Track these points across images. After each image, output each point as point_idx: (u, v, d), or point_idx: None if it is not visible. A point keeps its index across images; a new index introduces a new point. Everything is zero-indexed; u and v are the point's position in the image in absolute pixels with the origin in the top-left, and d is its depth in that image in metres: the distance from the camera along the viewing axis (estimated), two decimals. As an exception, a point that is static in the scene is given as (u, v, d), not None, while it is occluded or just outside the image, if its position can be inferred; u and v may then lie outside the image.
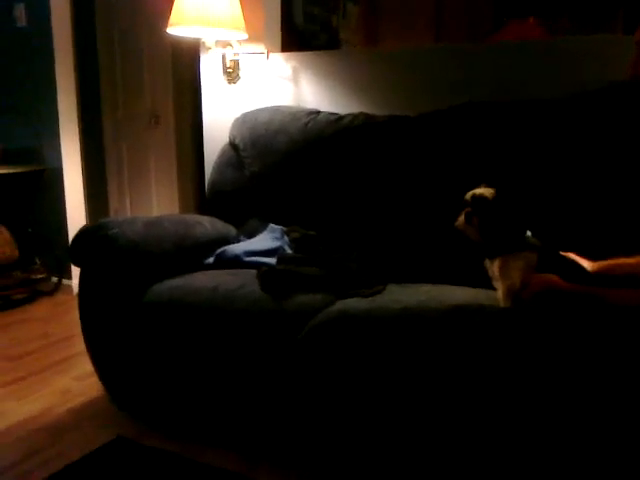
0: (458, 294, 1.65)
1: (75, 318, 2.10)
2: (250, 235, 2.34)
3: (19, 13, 3.56)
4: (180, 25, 2.37)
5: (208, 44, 2.58)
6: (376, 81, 2.50)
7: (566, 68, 2.16)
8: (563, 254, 1.52)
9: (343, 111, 2.40)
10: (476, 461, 1.50)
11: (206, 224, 2.26)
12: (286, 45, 2.70)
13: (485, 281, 1.59)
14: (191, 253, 2.11)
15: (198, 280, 1.92)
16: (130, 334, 1.91)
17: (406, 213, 2.15)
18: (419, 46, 2.62)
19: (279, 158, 2.39)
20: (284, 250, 2.16)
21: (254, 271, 1.90)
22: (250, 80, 2.73)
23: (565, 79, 2.13)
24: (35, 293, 3.54)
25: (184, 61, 3.47)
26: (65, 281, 3.68)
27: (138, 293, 1.91)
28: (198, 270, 2.04)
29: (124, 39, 3.61)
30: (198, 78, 2.92)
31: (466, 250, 1.63)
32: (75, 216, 3.55)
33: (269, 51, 2.66)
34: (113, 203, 3.83)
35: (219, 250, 2.12)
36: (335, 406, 1.62)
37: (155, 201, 3.72)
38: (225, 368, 1.78)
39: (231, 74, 2.74)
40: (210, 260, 2.11)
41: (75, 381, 2.37)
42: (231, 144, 2.57)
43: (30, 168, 3.62)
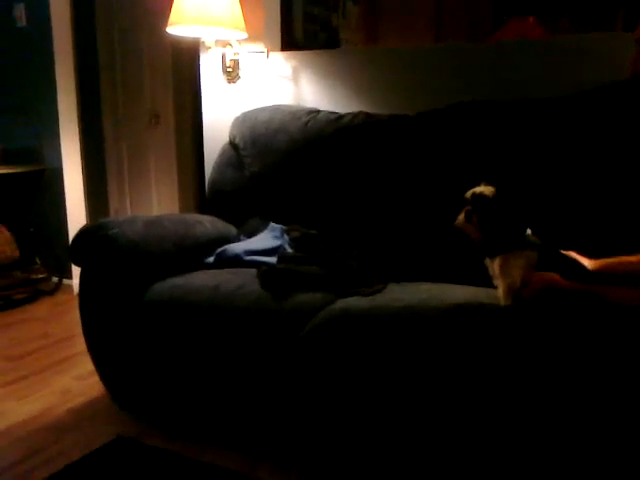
0: (459, 292, 1.65)
1: (75, 318, 2.10)
2: (250, 234, 2.34)
3: (19, 13, 3.56)
4: (180, 24, 2.37)
5: (208, 43, 2.58)
6: (376, 80, 2.50)
7: (566, 67, 2.16)
8: (563, 252, 1.52)
9: (343, 110, 2.40)
10: (476, 460, 1.50)
11: (206, 223, 2.26)
12: (286, 44, 2.70)
13: (485, 279, 1.60)
14: (191, 252, 2.11)
15: (199, 279, 1.92)
16: (131, 333, 1.91)
17: (406, 212, 2.15)
18: (419, 45, 2.62)
19: (279, 157, 2.39)
20: (284, 249, 2.16)
21: (254, 270, 1.91)
22: (250, 79, 2.73)
23: (565, 78, 2.13)
24: (36, 293, 3.54)
25: (184, 61, 3.48)
26: (65, 281, 3.68)
27: (139, 292, 1.91)
28: (199, 269, 2.04)
29: (124, 39, 3.62)
30: (198, 78, 2.92)
31: (466, 248, 1.63)
32: (75, 216, 3.55)
33: (269, 50, 2.66)
34: (113, 203, 3.83)
35: (219, 249, 2.12)
36: (336, 405, 1.62)
37: (155, 201, 3.72)
38: (226, 367, 1.78)
39: (231, 73, 2.75)
40: (210, 259, 2.11)
41: (75, 381, 2.37)
42: (231, 143, 2.57)
43: (30, 168, 3.62)
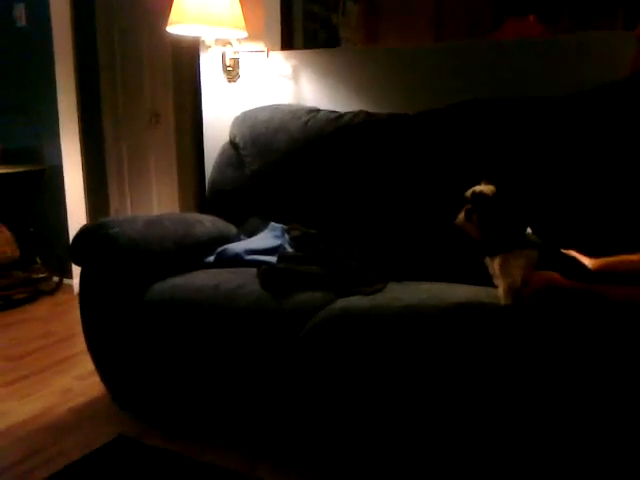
0: (459, 292, 1.65)
1: (76, 317, 2.10)
2: (251, 234, 2.34)
3: (19, 13, 3.56)
4: (180, 24, 2.37)
5: (208, 43, 2.57)
6: (376, 79, 2.50)
7: (566, 66, 2.15)
8: (564, 251, 1.51)
9: (343, 109, 2.40)
10: (477, 459, 1.50)
11: (207, 223, 2.26)
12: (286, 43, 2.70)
13: (486, 279, 1.59)
14: (192, 252, 2.11)
15: (199, 279, 1.92)
16: (131, 333, 1.91)
17: (406, 211, 2.15)
18: (419, 45, 2.61)
19: (279, 156, 2.39)
20: (285, 248, 2.16)
21: (255, 270, 1.90)
22: (250, 78, 2.73)
23: (565, 77, 2.13)
24: (36, 293, 3.54)
25: (184, 60, 3.48)
26: (66, 280, 3.68)
27: (139, 292, 1.91)
28: (199, 269, 2.04)
29: (124, 39, 3.62)
30: (198, 77, 2.92)
31: (466, 248, 1.63)
32: (75, 215, 3.55)
33: (269, 49, 2.66)
34: (113, 202, 3.83)
35: (220, 249, 2.12)
36: (336, 404, 1.62)
37: (155, 200, 3.72)
38: (226, 366, 1.78)
39: (231, 72, 2.74)
40: (211, 259, 2.11)
41: (76, 380, 2.37)
42: (231, 143, 2.57)
43: (30, 168, 3.62)
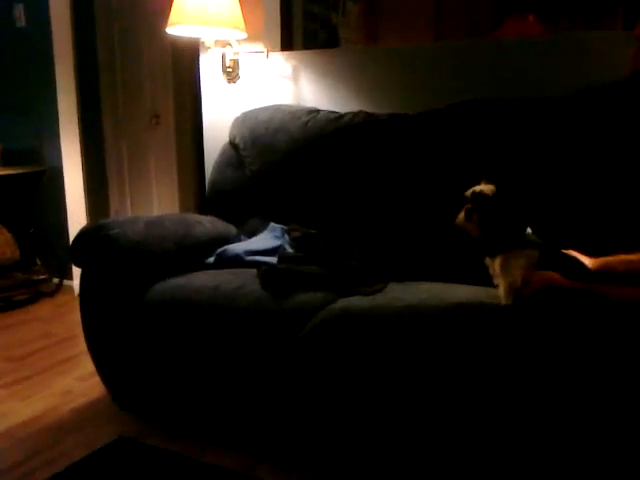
0: (459, 292, 1.65)
1: (76, 319, 2.10)
2: (251, 234, 2.34)
3: (18, 13, 3.56)
4: (180, 24, 2.37)
5: (208, 43, 2.58)
6: (376, 80, 2.50)
7: (566, 65, 2.15)
8: (564, 251, 1.51)
9: (343, 110, 2.40)
10: (477, 459, 1.50)
11: (207, 223, 2.26)
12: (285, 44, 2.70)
13: (486, 279, 1.59)
14: (192, 252, 2.11)
15: (199, 279, 1.92)
16: (131, 333, 1.91)
17: (406, 211, 2.15)
18: (419, 45, 2.61)
19: (279, 157, 2.39)
20: (285, 249, 2.16)
21: (255, 270, 1.91)
22: (250, 79, 2.73)
23: (565, 76, 2.13)
24: (36, 294, 3.54)
25: (184, 61, 3.48)
26: (66, 282, 3.68)
27: (139, 293, 1.91)
28: (199, 269, 2.04)
29: (124, 39, 3.62)
30: (198, 78, 2.92)
31: (467, 247, 1.63)
32: (76, 216, 3.56)
33: (269, 50, 2.66)
34: (113, 203, 3.83)
35: (220, 249, 2.12)
36: (336, 404, 1.62)
37: (155, 201, 3.72)
38: (226, 367, 1.78)
39: (231, 73, 2.74)
40: (211, 259, 2.11)
41: (77, 381, 2.37)
42: (231, 143, 2.57)
43: (30, 169, 3.62)
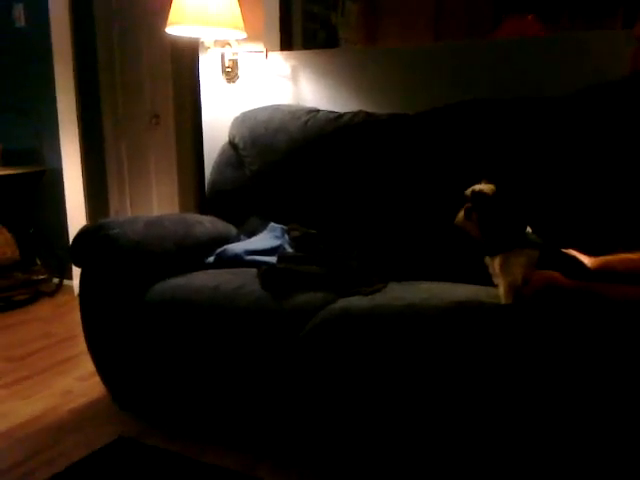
0: (459, 291, 1.65)
1: (76, 319, 2.10)
2: (250, 234, 2.34)
3: (18, 13, 3.56)
4: (179, 24, 2.37)
5: (207, 43, 2.58)
6: (376, 80, 2.50)
7: (566, 65, 2.15)
8: (564, 251, 1.51)
9: (343, 109, 2.40)
10: (477, 459, 1.50)
11: (206, 223, 2.26)
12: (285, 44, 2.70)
13: (486, 278, 1.60)
14: (192, 252, 2.11)
15: (199, 279, 1.92)
16: (131, 333, 1.91)
17: (406, 210, 2.15)
18: (419, 45, 2.61)
19: (279, 157, 2.39)
20: (284, 249, 2.16)
21: (254, 270, 1.91)
22: (249, 79, 2.73)
23: (565, 76, 2.13)
24: (36, 294, 3.54)
25: (183, 61, 3.48)
26: (66, 282, 3.68)
27: (139, 292, 1.91)
28: (199, 269, 2.04)
29: (123, 39, 3.62)
30: (197, 78, 2.92)
31: (466, 247, 1.63)
32: (75, 216, 3.55)
33: (268, 50, 2.66)
34: (113, 203, 3.83)
35: (220, 249, 2.12)
36: (336, 404, 1.62)
37: (155, 201, 3.72)
38: (226, 367, 1.78)
39: (230, 73, 2.75)
40: (211, 259, 2.11)
41: (77, 381, 2.37)
42: (231, 143, 2.57)
43: (30, 169, 3.61)
